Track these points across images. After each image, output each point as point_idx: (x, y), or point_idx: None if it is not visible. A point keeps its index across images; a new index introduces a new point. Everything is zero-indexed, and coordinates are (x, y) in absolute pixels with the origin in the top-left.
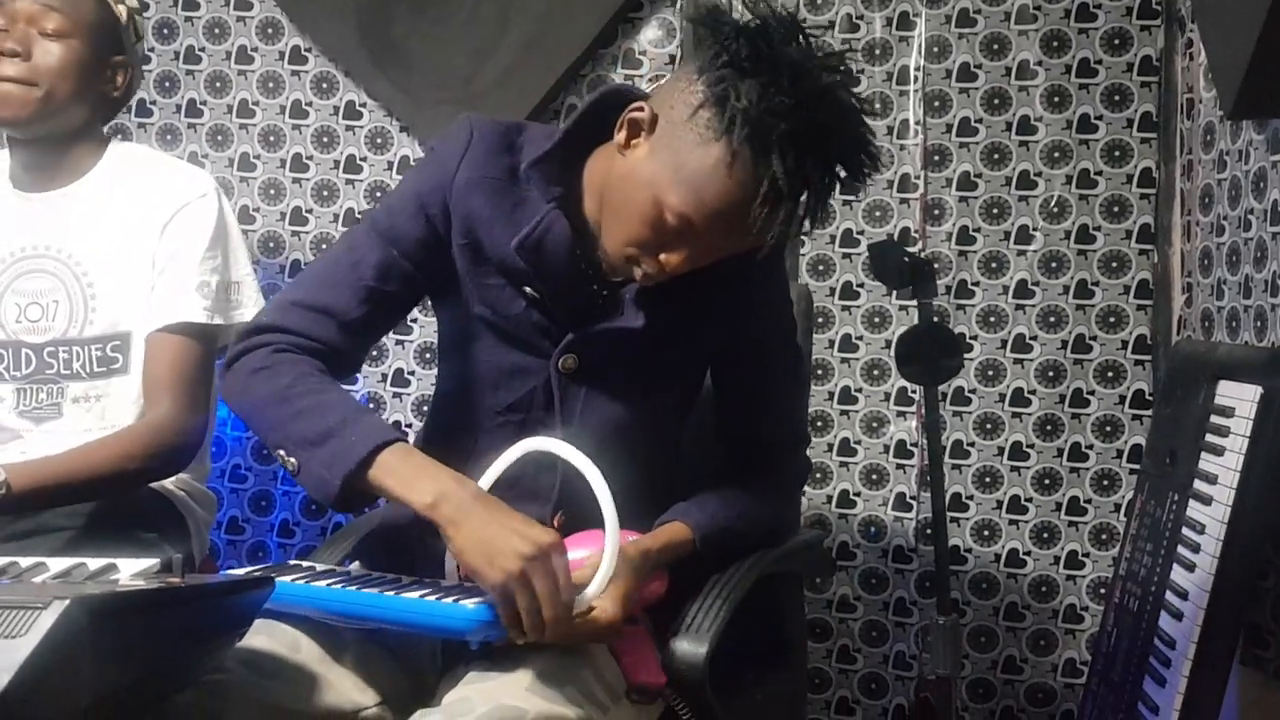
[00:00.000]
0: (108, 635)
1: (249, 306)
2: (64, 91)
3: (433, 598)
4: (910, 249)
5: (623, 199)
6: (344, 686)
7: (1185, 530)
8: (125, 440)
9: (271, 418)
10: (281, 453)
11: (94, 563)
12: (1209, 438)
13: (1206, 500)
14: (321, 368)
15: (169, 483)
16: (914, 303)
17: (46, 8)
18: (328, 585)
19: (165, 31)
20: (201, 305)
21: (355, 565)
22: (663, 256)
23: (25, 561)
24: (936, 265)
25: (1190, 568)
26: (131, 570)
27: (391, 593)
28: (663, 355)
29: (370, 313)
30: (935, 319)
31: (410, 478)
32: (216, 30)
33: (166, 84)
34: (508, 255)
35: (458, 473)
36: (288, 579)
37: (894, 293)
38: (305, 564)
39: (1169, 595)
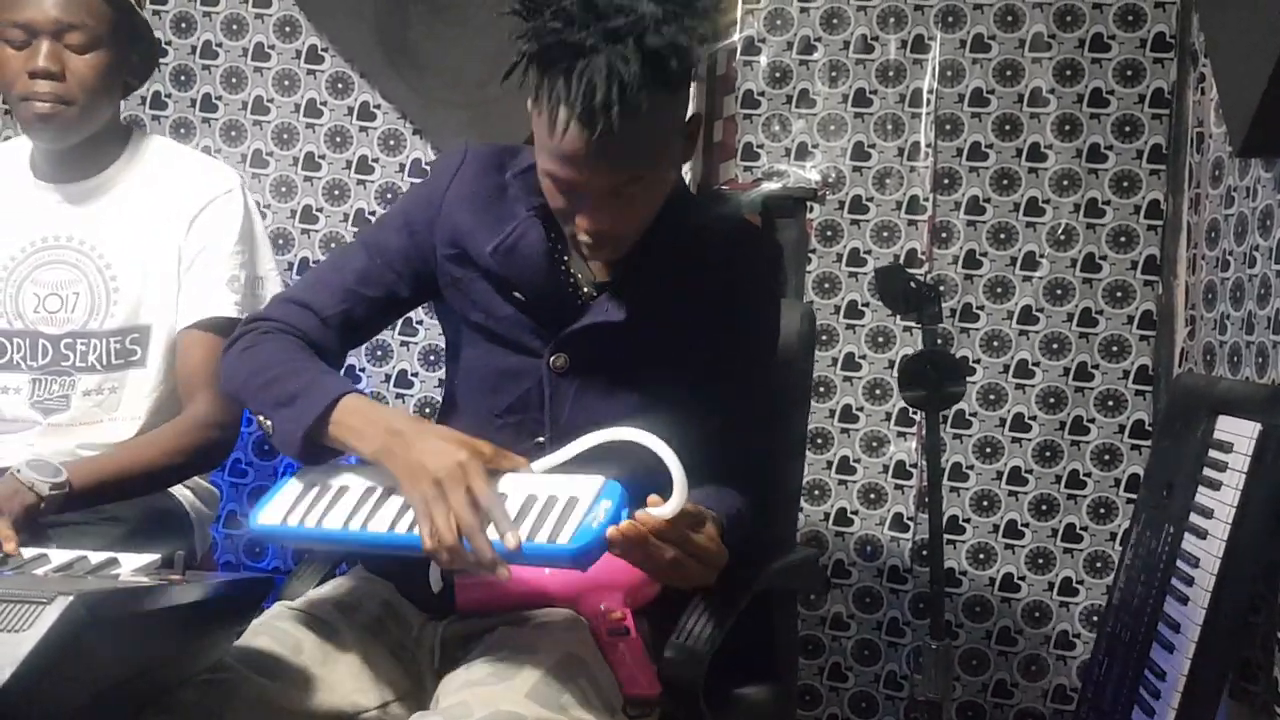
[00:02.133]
0: (110, 630)
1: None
2: (99, 102)
3: (394, 528)
4: (916, 271)
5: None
6: (345, 688)
7: (1179, 563)
8: (173, 435)
9: (252, 387)
10: (260, 417)
11: (96, 556)
12: (1206, 472)
13: (1202, 534)
14: (301, 345)
15: None
16: (918, 324)
17: (71, 25)
18: (303, 525)
19: (183, 25)
20: (232, 300)
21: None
22: (578, 220)
23: (28, 552)
24: (942, 288)
25: (1183, 600)
26: (133, 565)
27: (357, 526)
28: (651, 354)
29: (347, 311)
30: (939, 340)
31: (359, 428)
32: (234, 26)
33: (182, 78)
34: (490, 261)
35: (400, 410)
36: (271, 521)
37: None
38: (302, 485)
39: (1161, 627)
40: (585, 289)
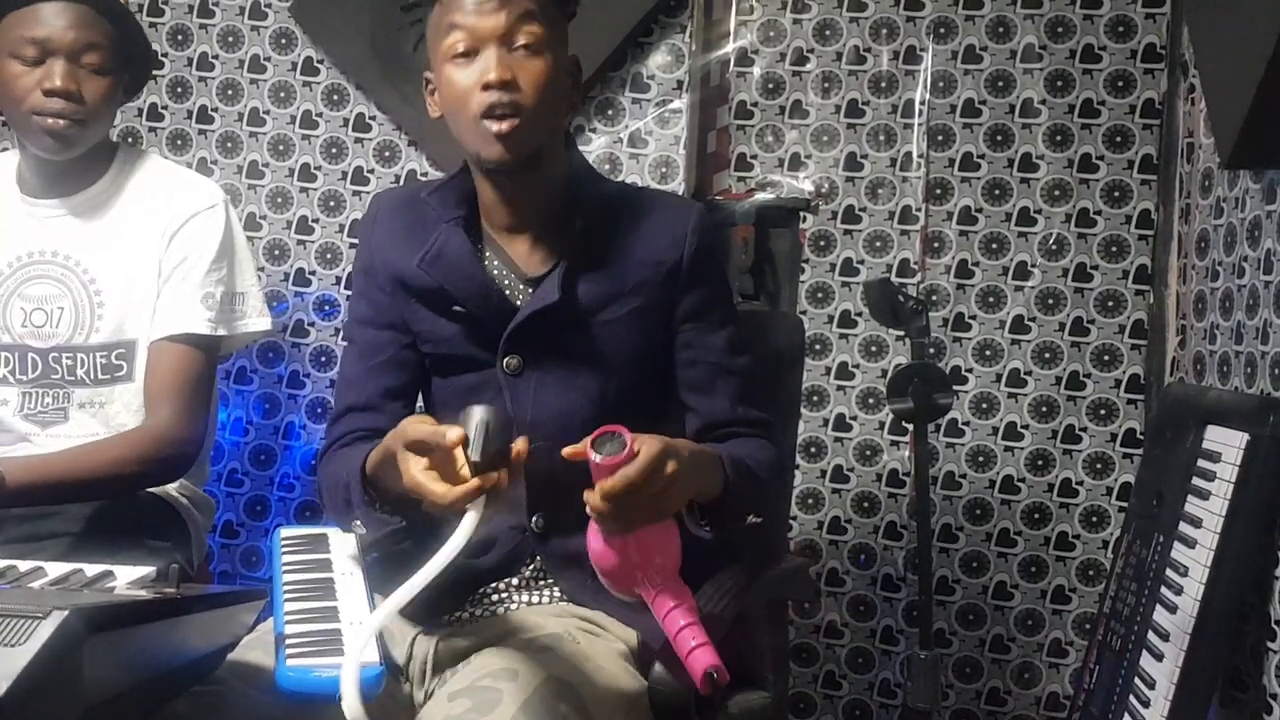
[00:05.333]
0: (104, 645)
1: (253, 317)
2: (106, 121)
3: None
4: (909, 281)
5: (447, 104)
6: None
7: (1169, 572)
8: (124, 444)
9: (338, 511)
10: (356, 524)
11: (91, 569)
12: (1195, 481)
13: (1191, 543)
14: (355, 448)
15: (171, 488)
16: (907, 337)
17: (89, 46)
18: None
19: (179, 38)
20: (205, 316)
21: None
22: (484, 83)
23: (23, 565)
24: (934, 297)
25: (1172, 609)
26: (128, 578)
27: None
28: (601, 337)
29: (381, 386)
30: (931, 350)
31: (381, 475)
32: (230, 39)
33: (179, 89)
34: (420, 274)
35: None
36: None
37: None
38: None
39: (1151, 635)
40: (521, 287)
